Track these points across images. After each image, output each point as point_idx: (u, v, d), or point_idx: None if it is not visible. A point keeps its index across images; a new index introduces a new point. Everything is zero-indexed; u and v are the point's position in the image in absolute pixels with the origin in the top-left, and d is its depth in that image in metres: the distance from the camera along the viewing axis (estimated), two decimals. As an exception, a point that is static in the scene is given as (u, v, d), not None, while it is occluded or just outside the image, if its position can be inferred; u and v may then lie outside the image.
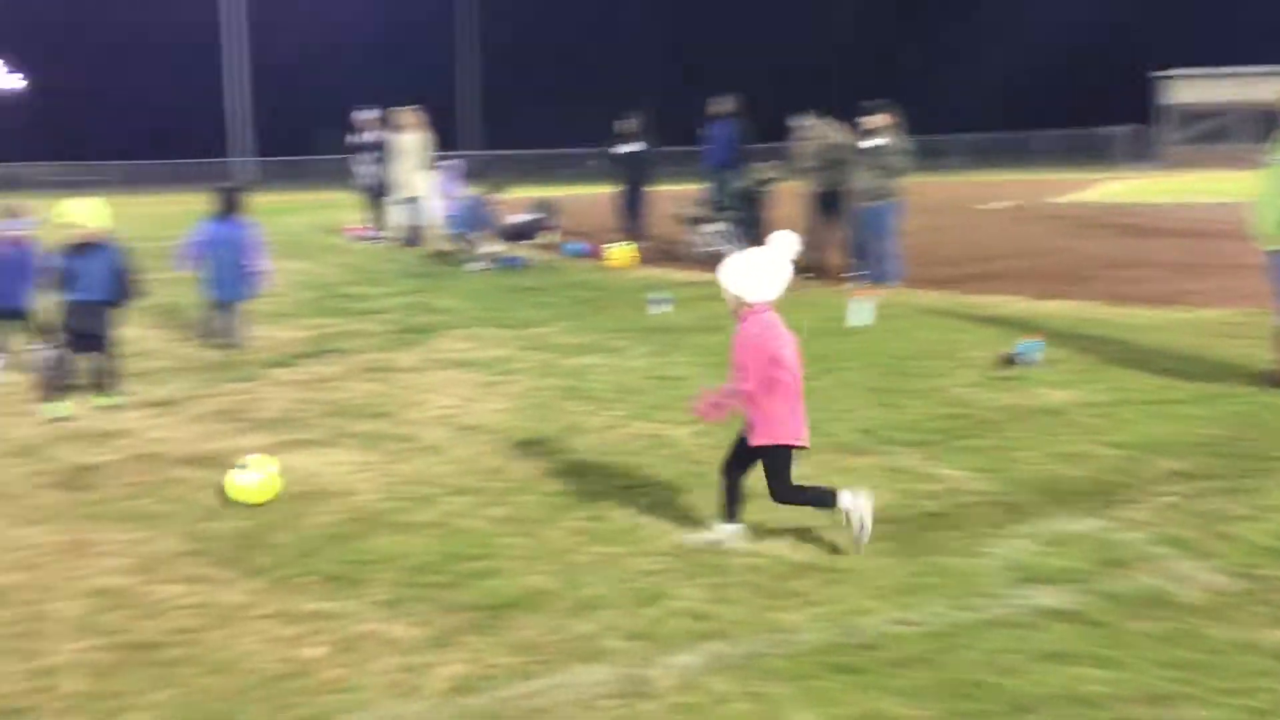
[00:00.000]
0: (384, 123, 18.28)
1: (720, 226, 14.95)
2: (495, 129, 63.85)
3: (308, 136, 59.43)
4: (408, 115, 18.00)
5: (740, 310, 4.73)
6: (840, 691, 3.53)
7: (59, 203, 7.86)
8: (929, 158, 31.10)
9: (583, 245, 16.60)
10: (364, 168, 18.49)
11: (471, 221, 15.26)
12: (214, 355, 9.30)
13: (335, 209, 27.29)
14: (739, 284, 4.71)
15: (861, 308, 10.17)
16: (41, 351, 8.27)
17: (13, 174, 60.27)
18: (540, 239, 16.85)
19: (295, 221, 24.30)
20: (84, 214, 7.56)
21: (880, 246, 12.50)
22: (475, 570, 4.57)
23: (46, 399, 7.37)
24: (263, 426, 6.92)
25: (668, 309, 11.03)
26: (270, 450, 6.30)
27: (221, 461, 6.12)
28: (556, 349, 9.29)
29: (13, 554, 4.82)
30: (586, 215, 20.27)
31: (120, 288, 7.58)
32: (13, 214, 8.45)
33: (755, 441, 4.71)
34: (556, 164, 54.95)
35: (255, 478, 5.48)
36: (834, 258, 13.24)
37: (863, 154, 12.60)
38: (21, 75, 77.70)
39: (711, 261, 8.25)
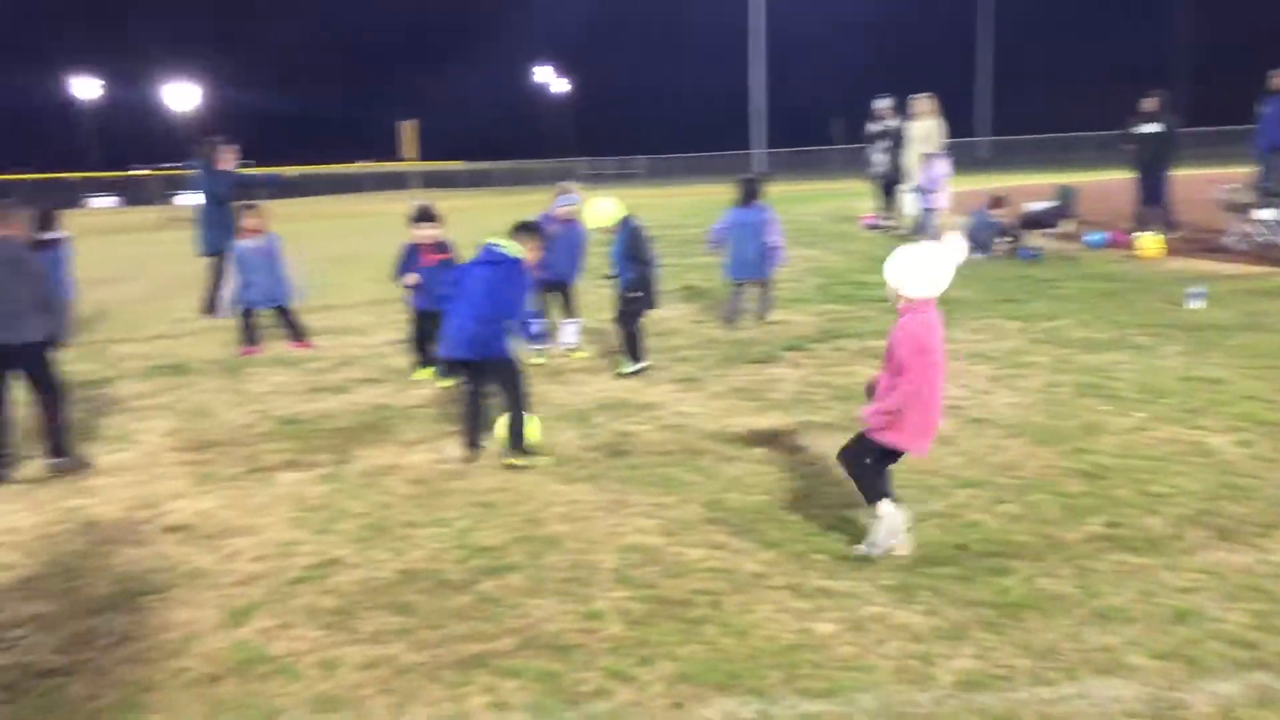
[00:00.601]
0: (899, 110, 18.26)
1: (1274, 214, 13.33)
2: (1008, 112, 61.49)
3: (822, 127, 60.89)
4: (921, 102, 17.84)
5: (900, 305, 4.59)
6: None
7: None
8: None
9: (1104, 235, 15.52)
10: (877, 155, 18.58)
11: (980, 239, 14.68)
12: (734, 336, 9.84)
13: (847, 197, 27.74)
14: (900, 277, 4.58)
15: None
16: (573, 325, 9.32)
17: (559, 169, 67.46)
18: (1058, 228, 15.98)
19: (807, 210, 25.02)
20: (599, 218, 8.60)
21: None
22: (986, 566, 4.47)
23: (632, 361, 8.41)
24: (777, 406, 7.22)
25: (1202, 304, 10.03)
26: (786, 431, 6.59)
27: (742, 437, 6.50)
28: (1074, 344, 8.80)
29: (564, 507, 5.44)
30: (1105, 202, 18.94)
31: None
32: (565, 191, 9.56)
33: (879, 437, 4.60)
34: (1072, 148, 51.89)
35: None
36: None
37: None
38: (568, 80, 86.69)
39: (1263, 253, 7.40)
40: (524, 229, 6.56)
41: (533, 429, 6.39)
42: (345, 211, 37.54)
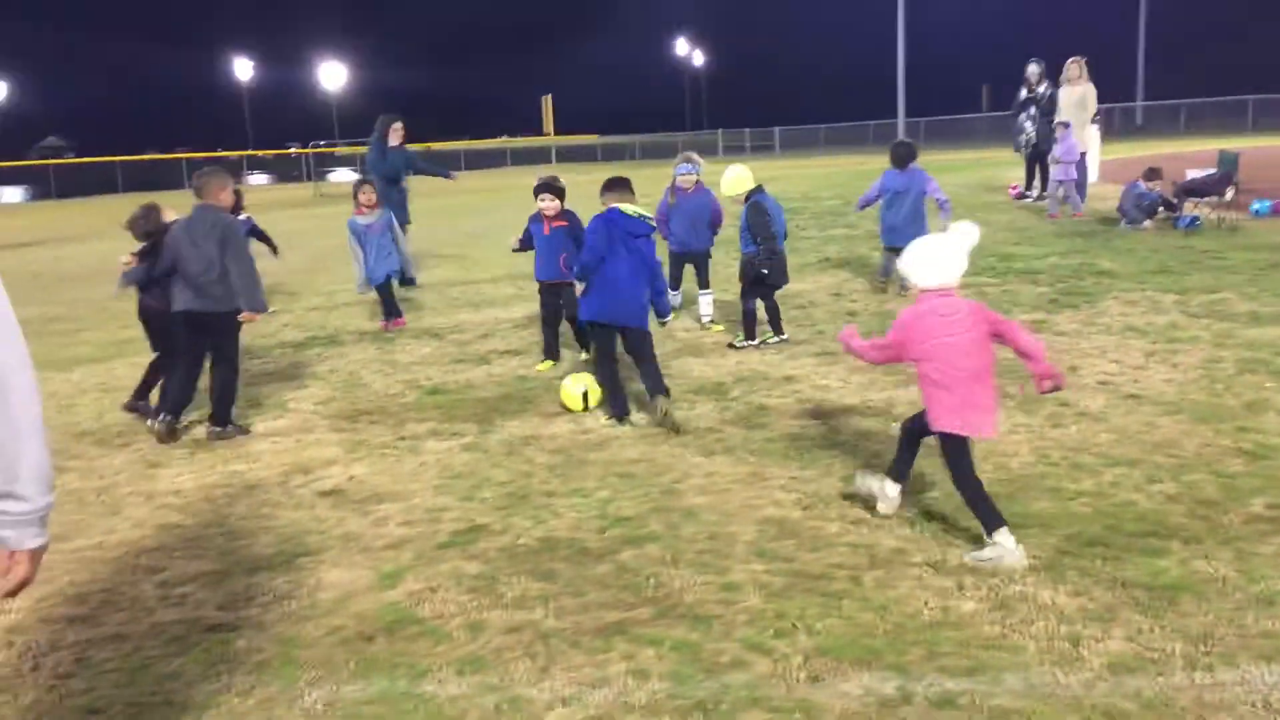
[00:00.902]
0: (1050, 76, 17.61)
1: None
2: (1160, 77, 58.75)
3: (966, 94, 59.19)
4: (1073, 67, 17.18)
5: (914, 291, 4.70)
6: None
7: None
8: None
9: (1270, 202, 14.72)
10: (1027, 124, 17.96)
11: (1134, 211, 14.09)
12: (875, 309, 9.69)
13: (993, 167, 26.94)
14: (908, 267, 4.75)
15: None
16: (707, 297, 9.35)
17: (695, 141, 67.20)
18: (1220, 196, 15.21)
19: (952, 181, 24.33)
20: (723, 186, 8.61)
21: None
22: (1139, 547, 4.32)
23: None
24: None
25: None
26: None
27: (881, 411, 6.41)
28: (1236, 317, 8.39)
29: (702, 479, 5.46)
30: (1272, 169, 17.94)
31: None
32: (686, 160, 9.58)
33: (932, 427, 4.57)
34: (1234, 112, 49.33)
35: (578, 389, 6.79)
36: None
37: None
38: (705, 52, 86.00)
39: None
40: (544, 187, 7.32)
41: (572, 397, 6.77)
42: (489, 186, 38.16)
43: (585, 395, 6.81)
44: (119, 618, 4.17)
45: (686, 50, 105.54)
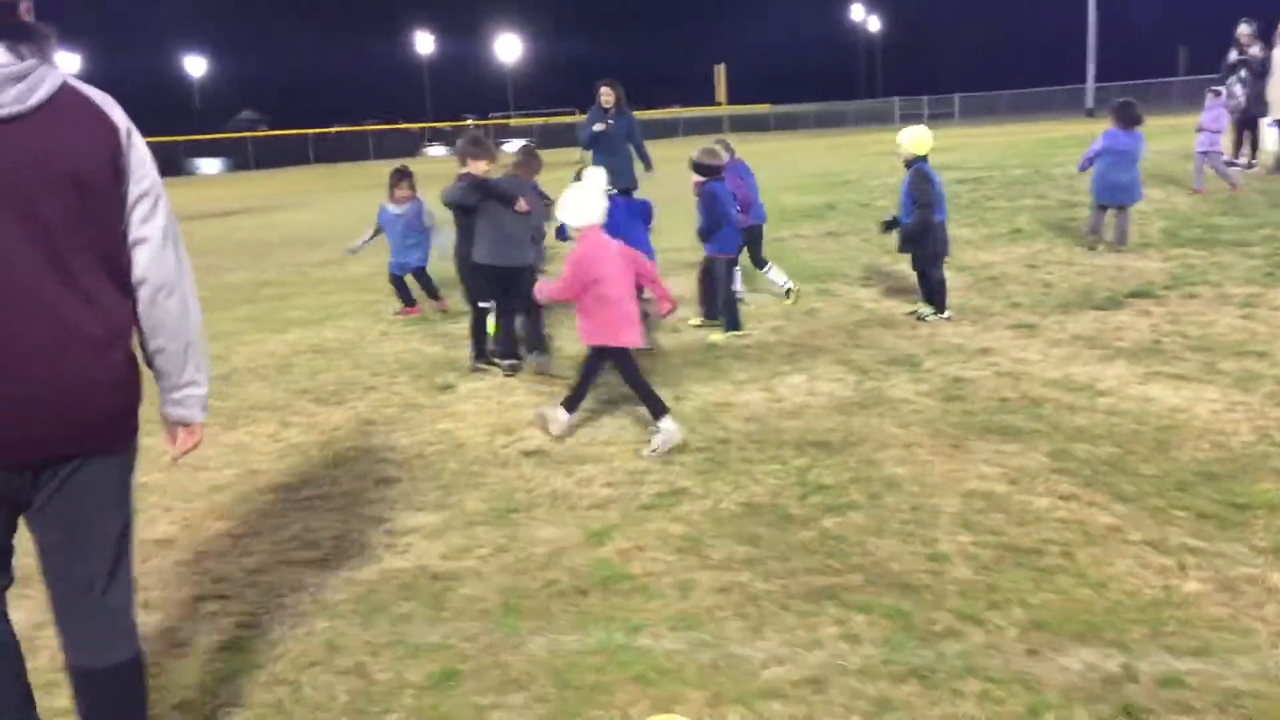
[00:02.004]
0: (1262, 38, 16.56)
1: None
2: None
3: (1162, 57, 56.19)
4: (1288, 25, 16.10)
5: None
6: None
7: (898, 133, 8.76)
8: None
9: None
10: (1237, 88, 16.95)
11: None
12: (1072, 282, 9.38)
13: (1190, 134, 25.57)
14: (563, 212, 5.93)
15: None
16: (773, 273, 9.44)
17: (871, 109, 65.89)
18: None
19: (1150, 148, 23.25)
20: (906, 141, 8.39)
21: None
22: (1378, 533, 4.11)
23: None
24: (1124, 355, 6.86)
25: None
26: (1136, 381, 6.26)
27: (1085, 386, 6.24)
28: None
29: (900, 450, 5.43)
30: None
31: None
32: (729, 148, 9.32)
33: (587, 342, 5.90)
34: None
35: None
36: None
37: None
38: (878, 16, 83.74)
39: None
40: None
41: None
42: (661, 156, 38.33)
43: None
44: (351, 563, 4.44)
45: (861, 16, 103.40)
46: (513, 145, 52.69)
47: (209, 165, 55.65)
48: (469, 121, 66.49)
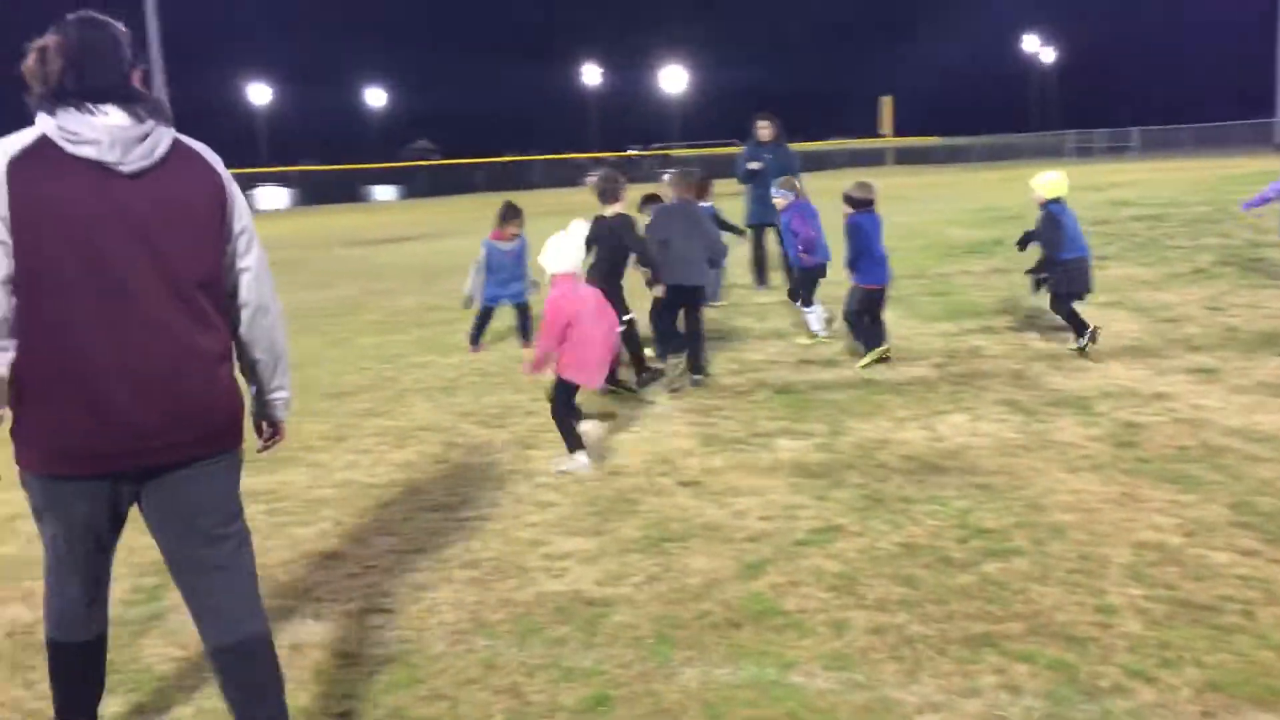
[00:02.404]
0: None
1: None
2: None
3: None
4: None
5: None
6: None
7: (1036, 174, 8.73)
8: None
9: None
10: None
11: None
12: (1258, 327, 8.92)
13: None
14: (543, 258, 6.18)
15: None
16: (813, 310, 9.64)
17: (1043, 143, 64.01)
18: None
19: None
20: (1039, 185, 8.57)
21: None
22: None
23: None
24: (1314, 406, 6.48)
25: None
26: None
27: (1271, 436, 5.92)
28: None
29: (1068, 496, 5.25)
30: None
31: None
32: (796, 189, 9.88)
33: (560, 374, 6.19)
34: None
35: None
36: None
37: None
38: (1053, 48, 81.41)
39: None
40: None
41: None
42: (821, 188, 38.16)
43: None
44: (508, 584, 4.55)
45: (1036, 47, 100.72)
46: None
47: (384, 192, 57.99)
48: (632, 152, 67.39)
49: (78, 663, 3.17)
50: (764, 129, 12.90)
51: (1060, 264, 8.31)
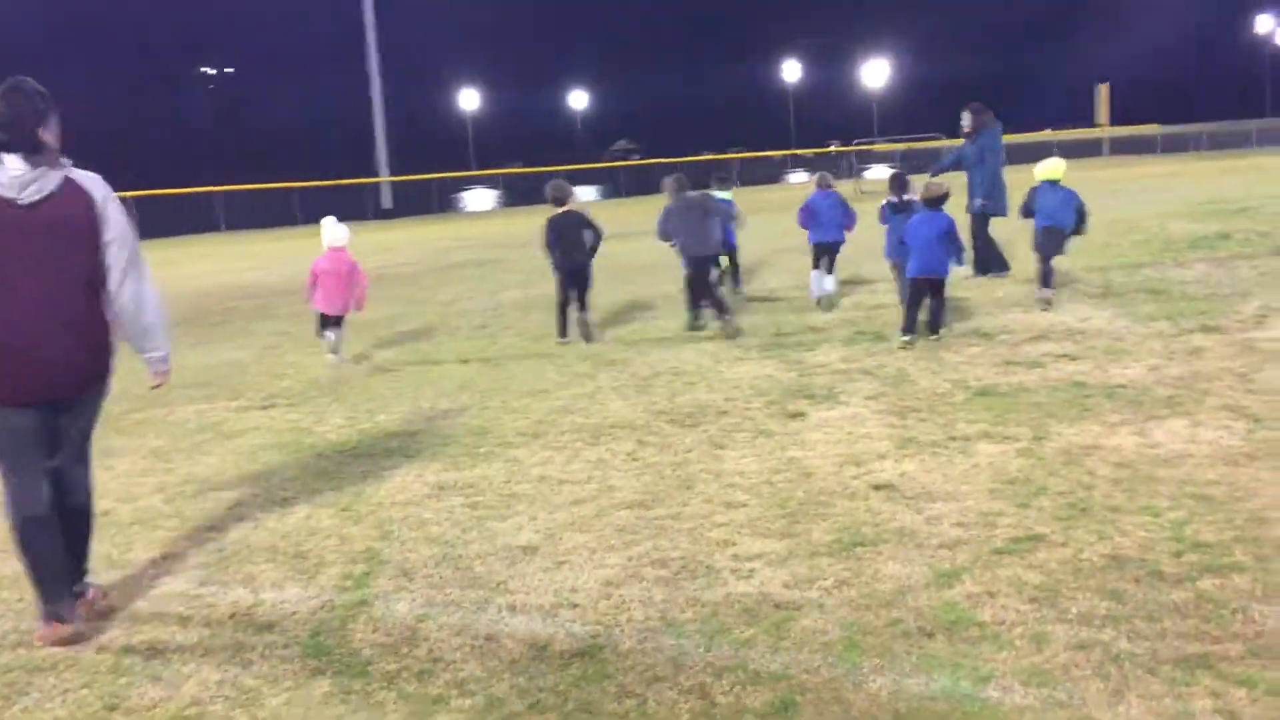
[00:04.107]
0: None
1: None
2: None
3: None
4: None
5: None
6: None
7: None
8: None
9: None
10: None
11: None
12: None
13: None
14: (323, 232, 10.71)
15: None
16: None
17: (1276, 128, 59.63)
18: None
19: None
20: (1038, 169, 11.14)
21: None
22: None
23: None
24: None
25: None
26: None
27: None
28: None
29: None
30: None
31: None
32: (828, 181, 12.56)
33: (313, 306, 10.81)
34: None
35: None
36: None
37: None
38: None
39: None
40: None
41: None
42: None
43: None
44: (697, 584, 4.56)
45: (1270, 26, 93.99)
46: (875, 173, 52.25)
47: (585, 193, 59.18)
48: (832, 148, 66.51)
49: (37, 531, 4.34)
50: (964, 120, 12.77)
51: (1038, 229, 10.87)
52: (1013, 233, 13.15)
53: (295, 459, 7.06)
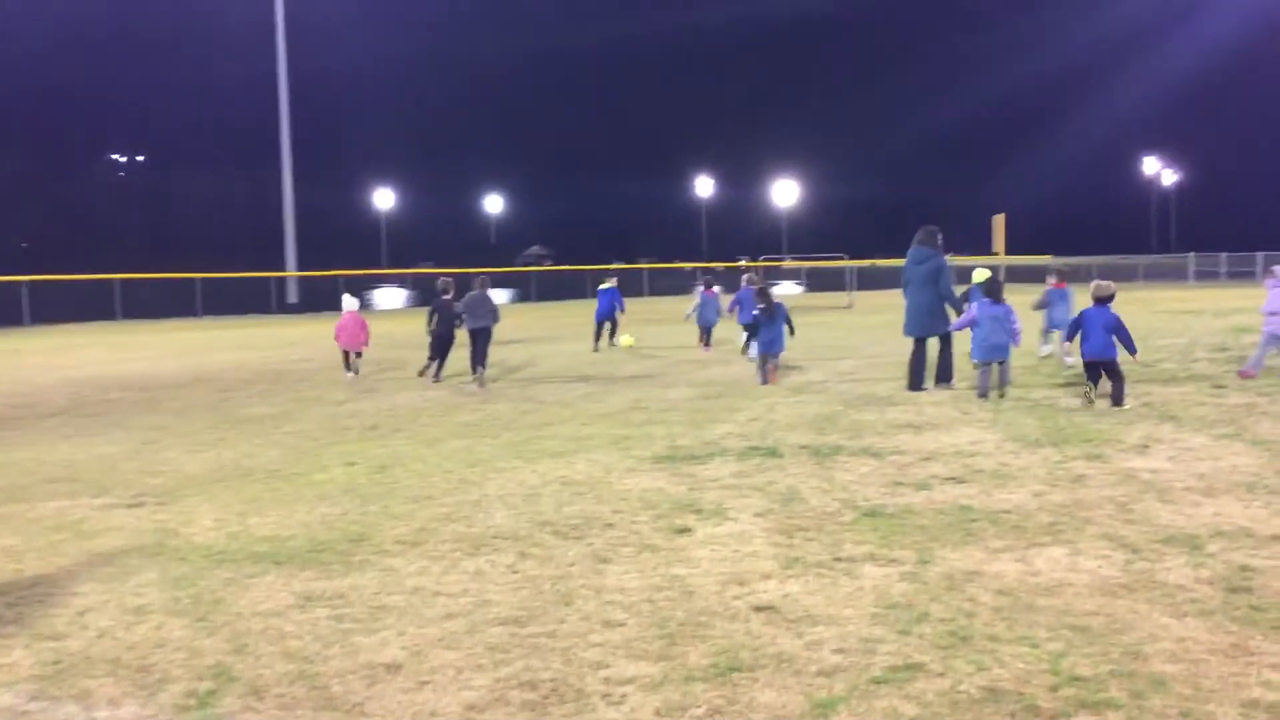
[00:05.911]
0: None
1: None
2: None
3: None
4: None
5: None
6: None
7: None
8: None
9: None
10: None
11: None
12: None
13: None
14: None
15: None
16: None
17: (1161, 265, 62.29)
18: None
19: None
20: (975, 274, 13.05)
21: None
22: None
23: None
24: None
25: None
26: None
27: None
28: None
29: (1171, 644, 4.86)
30: None
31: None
32: (750, 283, 14.03)
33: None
34: None
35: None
36: None
37: None
38: (1173, 170, 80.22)
39: None
40: None
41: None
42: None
43: None
44: (564, 709, 4.35)
45: (1156, 169, 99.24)
46: (780, 290, 53.18)
47: (497, 296, 59.23)
48: (742, 262, 67.77)
49: None
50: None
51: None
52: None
53: (155, 563, 6.69)
